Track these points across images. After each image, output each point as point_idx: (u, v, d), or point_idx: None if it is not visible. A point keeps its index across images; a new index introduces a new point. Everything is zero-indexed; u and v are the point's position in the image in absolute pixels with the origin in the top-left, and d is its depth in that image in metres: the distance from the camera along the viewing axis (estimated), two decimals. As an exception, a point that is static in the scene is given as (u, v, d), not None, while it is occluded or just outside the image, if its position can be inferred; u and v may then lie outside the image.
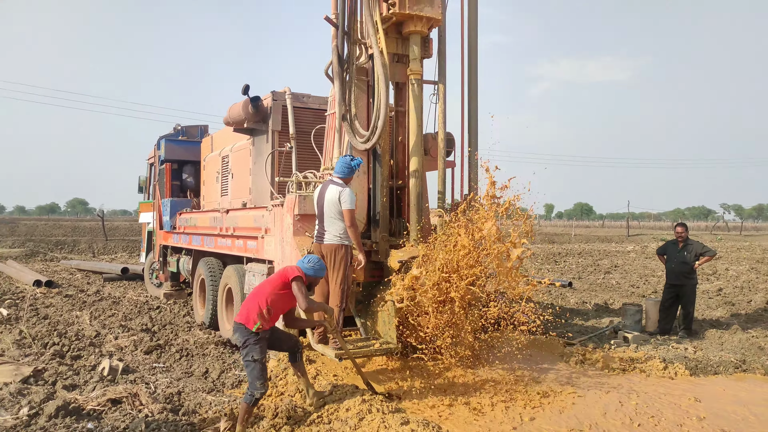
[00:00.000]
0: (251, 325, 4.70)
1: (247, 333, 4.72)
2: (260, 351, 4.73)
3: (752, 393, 6.03)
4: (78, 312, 10.18)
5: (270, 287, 4.89)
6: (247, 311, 4.79)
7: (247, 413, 4.69)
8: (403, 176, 7.21)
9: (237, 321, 4.82)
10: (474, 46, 7.38)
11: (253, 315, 4.73)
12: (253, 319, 4.71)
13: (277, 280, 4.95)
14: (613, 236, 42.26)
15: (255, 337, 4.72)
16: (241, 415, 4.69)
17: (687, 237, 9.05)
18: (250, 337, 4.71)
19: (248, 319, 4.73)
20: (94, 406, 5.21)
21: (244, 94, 8.25)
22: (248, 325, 4.71)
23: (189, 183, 12.19)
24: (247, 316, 4.75)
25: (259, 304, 4.78)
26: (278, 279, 4.95)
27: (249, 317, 4.74)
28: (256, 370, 4.69)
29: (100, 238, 30.32)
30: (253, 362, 4.69)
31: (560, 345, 7.62)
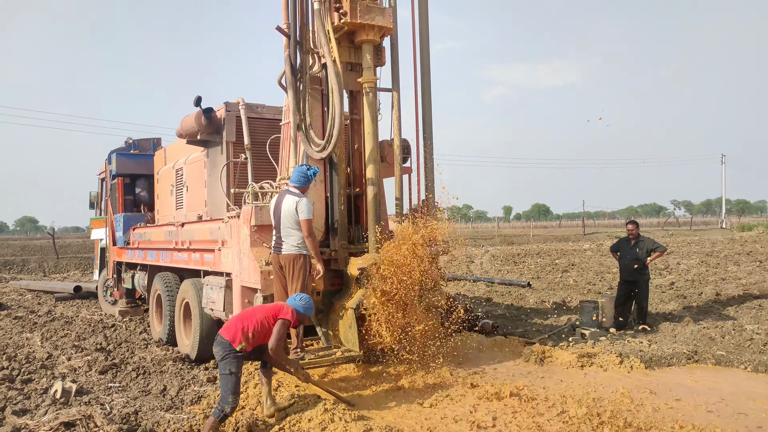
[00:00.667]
0: (236, 344, 4.84)
1: (230, 349, 4.83)
2: (237, 366, 4.85)
3: (703, 383, 6.25)
4: (28, 334, 9.82)
5: (261, 315, 5.05)
6: (234, 330, 4.90)
7: (212, 429, 4.68)
8: (360, 184, 7.23)
9: (223, 336, 4.90)
10: (426, 53, 7.47)
11: (239, 336, 4.86)
12: (239, 339, 4.84)
13: (269, 311, 5.11)
14: (570, 235, 43.18)
15: (235, 353, 4.84)
16: (205, 430, 4.66)
17: (638, 234, 9.33)
18: (231, 353, 4.83)
19: (234, 338, 4.85)
20: (47, 431, 5.03)
21: (196, 106, 8.12)
22: (234, 343, 4.84)
23: (142, 197, 11.91)
24: (234, 335, 4.86)
25: (247, 327, 4.91)
26: (270, 311, 5.12)
27: (235, 337, 4.86)
28: (231, 383, 4.77)
29: (51, 257, 29.31)
30: (229, 375, 4.79)
31: (520, 344, 7.74)
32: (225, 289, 7.01)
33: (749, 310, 10.07)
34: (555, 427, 4.89)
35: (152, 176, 11.50)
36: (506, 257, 22.64)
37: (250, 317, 5.01)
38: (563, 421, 4.99)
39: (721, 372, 6.71)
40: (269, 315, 5.04)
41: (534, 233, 46.27)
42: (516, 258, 22.49)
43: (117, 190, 11.75)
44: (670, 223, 63.86)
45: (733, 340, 8.06)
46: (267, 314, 5.05)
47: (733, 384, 6.18)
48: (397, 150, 7.04)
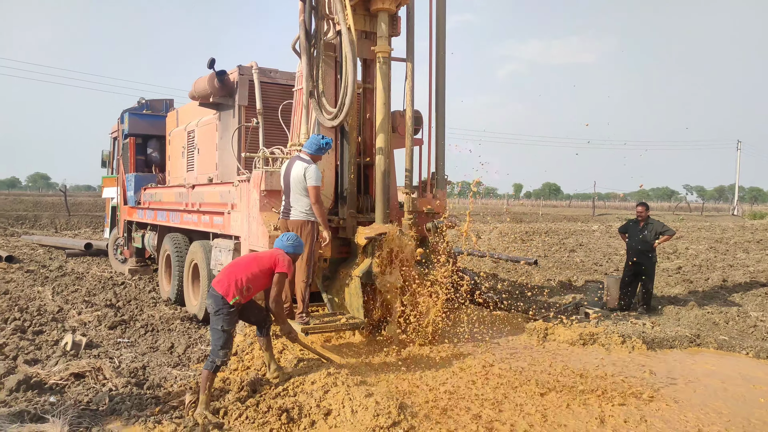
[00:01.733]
0: (230, 297, 4.77)
1: (223, 303, 4.77)
2: (230, 322, 4.80)
3: (704, 366, 6.30)
4: (40, 287, 10.00)
5: (256, 266, 4.95)
6: (227, 283, 4.82)
7: (209, 380, 4.70)
8: (370, 153, 7.22)
9: (216, 289, 4.84)
10: (442, 25, 7.39)
11: (233, 289, 4.79)
12: (232, 293, 4.77)
13: (265, 263, 5.00)
14: (580, 216, 43.00)
15: (229, 308, 4.78)
16: (203, 383, 4.69)
17: (648, 216, 9.28)
18: (224, 307, 4.77)
19: (228, 292, 4.78)
20: (57, 381, 5.17)
21: (209, 68, 8.10)
22: (227, 297, 4.77)
23: (154, 158, 11.98)
24: (227, 289, 4.79)
25: (242, 280, 4.84)
26: (266, 263, 5.00)
27: (229, 290, 4.79)
28: (222, 339, 4.75)
29: (62, 214, 29.60)
30: (221, 332, 4.75)
31: (523, 320, 7.81)
32: (233, 252, 7.09)
33: (755, 298, 10.06)
34: (555, 397, 4.96)
35: (164, 137, 11.54)
36: (515, 235, 22.64)
37: (243, 269, 4.92)
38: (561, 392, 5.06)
39: (722, 356, 6.75)
40: (265, 267, 4.97)
41: (543, 212, 46.11)
42: (524, 236, 22.49)
43: (129, 150, 11.81)
44: (682, 207, 63.35)
45: (737, 326, 8.08)
46: (263, 265, 4.97)
47: (734, 369, 6.22)
48: (409, 121, 7.01)
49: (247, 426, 4.40)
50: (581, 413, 4.76)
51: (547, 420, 4.61)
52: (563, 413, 4.75)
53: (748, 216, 44.81)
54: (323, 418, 4.49)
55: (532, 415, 4.68)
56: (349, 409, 4.52)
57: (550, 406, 4.86)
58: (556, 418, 4.66)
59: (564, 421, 4.60)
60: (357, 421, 4.39)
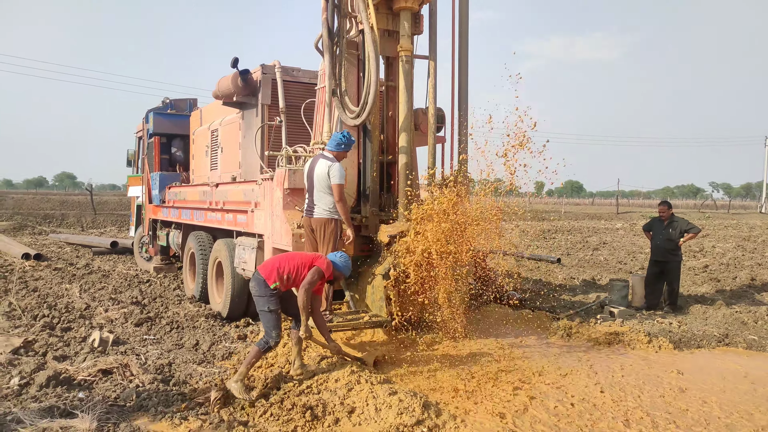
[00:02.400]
0: (270, 282, 4.97)
1: (265, 287, 4.97)
2: (275, 303, 4.99)
3: (733, 366, 6.17)
4: (67, 285, 10.18)
5: (299, 260, 5.15)
6: (270, 269, 5.04)
7: (256, 357, 4.95)
8: (393, 151, 7.22)
9: (259, 273, 5.05)
10: (465, 22, 7.33)
11: (274, 275, 4.98)
12: (273, 278, 4.97)
13: (307, 259, 5.20)
14: (603, 214, 42.51)
15: (270, 291, 4.97)
16: (249, 357, 4.92)
17: (672, 214, 9.13)
18: (264, 289, 4.97)
19: (269, 276, 4.98)
20: (85, 377, 5.25)
21: (233, 67, 8.16)
22: (268, 281, 4.97)
23: (178, 157, 12.12)
24: (269, 273, 5.00)
25: (283, 268, 5.03)
26: (309, 258, 5.21)
27: (270, 275, 4.99)
28: (272, 320, 4.94)
29: (88, 212, 30.11)
30: (269, 312, 4.95)
31: (547, 319, 7.73)
32: (257, 250, 7.13)
33: (785, 297, 9.85)
34: (581, 399, 4.91)
35: (188, 136, 11.67)
36: (536, 233, 22.46)
37: (288, 260, 5.13)
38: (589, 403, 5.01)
39: (752, 356, 6.61)
40: (306, 262, 5.14)
41: (566, 210, 45.68)
42: (546, 234, 22.29)
43: (153, 149, 11.97)
44: (707, 205, 62.24)
45: (766, 325, 7.91)
46: (304, 261, 5.15)
47: (764, 369, 6.08)
48: (431, 119, 6.98)
49: (271, 423, 4.42)
50: (614, 414, 4.70)
51: (572, 423, 4.57)
52: (597, 416, 4.69)
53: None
54: (347, 416, 4.49)
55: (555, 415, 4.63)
56: (372, 407, 4.52)
57: (586, 409, 4.81)
58: (581, 420, 4.61)
59: (584, 423, 4.55)
60: (381, 419, 4.39)
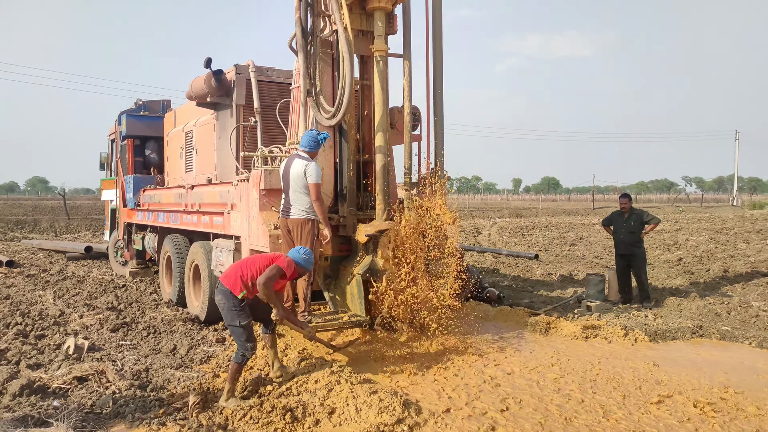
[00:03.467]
0: (237, 291, 4.85)
1: (232, 299, 4.86)
2: (246, 316, 4.90)
3: (707, 356, 6.29)
4: (41, 291, 9.99)
5: (261, 263, 5.04)
6: (234, 278, 4.91)
7: (237, 372, 4.87)
8: (369, 150, 7.20)
9: (223, 284, 4.93)
10: (439, 21, 7.35)
11: (239, 283, 4.88)
12: (239, 287, 4.86)
13: (269, 258, 5.12)
14: (579, 209, 43.01)
15: (238, 302, 4.87)
16: (231, 374, 4.84)
17: (631, 207, 9.26)
18: (233, 301, 4.86)
19: (235, 286, 4.87)
20: (60, 384, 5.16)
21: (206, 68, 8.07)
22: (234, 291, 4.85)
23: (152, 159, 11.95)
24: (234, 282, 4.88)
25: (246, 275, 4.92)
26: (270, 259, 5.10)
27: (236, 284, 4.88)
28: (244, 334, 4.85)
29: (62, 217, 29.59)
30: (240, 327, 4.84)
31: (525, 315, 7.80)
32: (234, 252, 7.07)
33: (756, 287, 10.06)
34: (559, 392, 4.96)
35: (162, 138, 11.51)
36: (514, 229, 22.63)
37: (249, 265, 5.00)
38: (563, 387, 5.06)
39: (725, 347, 6.74)
40: (268, 263, 5.02)
41: (543, 206, 46.11)
42: (524, 230, 22.48)
43: (127, 152, 11.79)
44: (681, 199, 63.37)
45: (739, 316, 8.07)
46: (265, 262, 5.04)
47: (737, 359, 6.22)
48: (407, 117, 6.99)
49: (251, 426, 4.39)
50: (591, 408, 4.76)
51: (551, 416, 4.61)
52: (576, 410, 4.74)
53: (747, 206, 44.79)
54: (327, 417, 4.48)
55: (541, 412, 4.67)
56: (353, 407, 4.51)
57: (564, 403, 4.86)
58: (560, 414, 4.65)
59: (573, 417, 4.59)
60: (361, 419, 4.39)
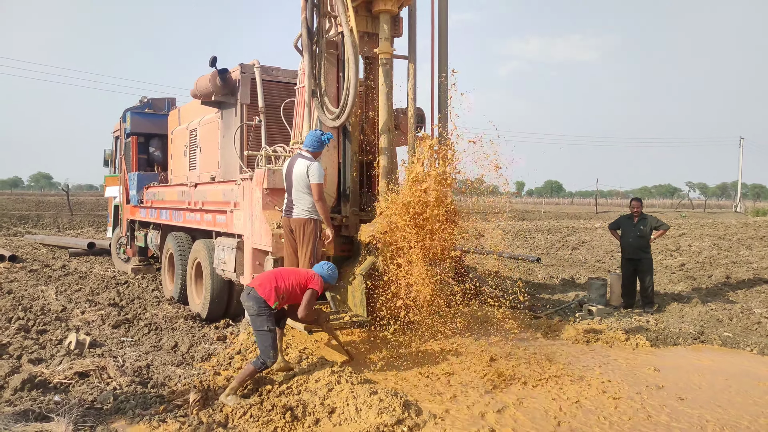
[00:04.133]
0: (272, 302, 4.97)
1: (265, 306, 4.97)
2: (272, 323, 5.00)
3: (709, 362, 6.28)
4: (43, 287, 10.02)
5: (294, 280, 5.16)
6: (269, 288, 5.01)
7: (250, 376, 4.92)
8: (373, 151, 7.21)
9: (257, 292, 5.00)
10: (444, 23, 7.35)
11: (273, 294, 4.99)
12: (274, 298, 4.97)
13: (302, 278, 5.21)
14: (582, 213, 42.99)
15: (270, 311, 4.98)
16: (243, 375, 4.89)
17: (641, 212, 9.25)
18: (266, 309, 4.96)
19: (269, 296, 4.98)
20: (61, 380, 5.17)
21: (211, 66, 8.09)
22: (269, 301, 4.97)
23: (156, 156, 11.98)
24: (269, 293, 4.99)
25: (281, 287, 5.04)
26: (303, 278, 5.21)
27: (271, 294, 4.98)
28: (270, 339, 4.93)
29: (65, 213, 29.66)
30: (267, 332, 4.93)
31: (527, 318, 7.79)
32: (236, 251, 7.09)
33: (758, 294, 10.03)
34: (571, 396, 4.96)
35: (166, 136, 11.54)
36: (517, 232, 22.62)
37: (284, 278, 5.12)
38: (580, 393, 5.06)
39: (727, 353, 6.73)
40: (301, 282, 5.16)
41: (545, 210, 46.09)
42: (526, 233, 22.47)
43: (131, 149, 11.82)
44: (684, 204, 63.28)
45: (741, 322, 8.06)
46: (300, 280, 5.16)
47: (738, 365, 6.20)
48: (411, 119, 6.99)
49: (251, 424, 4.39)
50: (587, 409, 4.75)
51: (550, 420, 4.60)
52: (574, 410, 4.74)
53: (750, 213, 44.71)
54: (327, 416, 4.48)
55: (538, 411, 4.67)
56: (353, 407, 4.52)
57: (563, 404, 4.85)
58: (559, 418, 4.65)
59: (571, 418, 4.59)
60: (361, 419, 4.39)
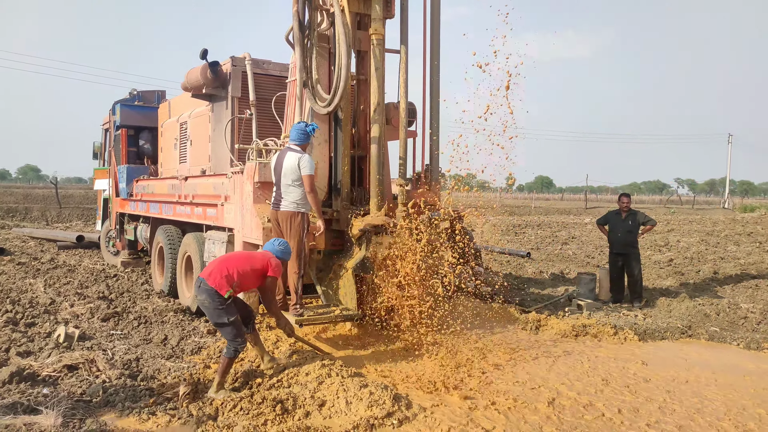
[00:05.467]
0: (223, 291, 4.81)
1: (218, 298, 4.81)
2: (232, 312, 4.88)
3: (696, 356, 6.35)
4: (32, 280, 9.94)
5: (248, 265, 4.98)
6: (219, 277, 4.84)
7: (229, 366, 4.88)
8: (364, 145, 7.21)
9: (208, 283, 4.83)
10: (437, 13, 7.35)
11: (224, 283, 4.82)
12: (225, 287, 4.81)
13: (257, 262, 5.03)
14: (572, 209, 43.16)
15: (224, 301, 4.84)
16: (222, 367, 4.85)
17: (630, 207, 9.31)
18: (218, 300, 4.82)
19: (221, 285, 4.81)
20: (50, 372, 5.15)
21: (202, 59, 8.05)
22: (220, 290, 4.80)
23: (146, 149, 11.91)
24: (219, 282, 4.82)
25: (232, 273, 4.87)
26: (258, 262, 5.03)
27: (221, 284, 4.81)
28: (233, 330, 4.84)
29: (53, 206, 29.40)
30: (228, 324, 4.83)
31: (516, 312, 7.84)
32: (227, 244, 7.07)
33: (745, 290, 10.14)
34: (551, 383, 5.00)
35: (156, 129, 11.47)
36: (507, 228, 22.70)
37: (234, 264, 4.95)
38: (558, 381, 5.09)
39: (713, 347, 6.81)
40: (256, 267, 4.99)
41: (536, 205, 46.25)
42: (517, 229, 22.55)
43: (121, 142, 11.75)
44: (673, 201, 63.64)
45: (728, 317, 8.15)
46: (254, 265, 5.00)
47: (724, 360, 6.28)
48: (402, 113, 6.99)
49: (241, 417, 4.40)
50: (582, 404, 4.80)
51: (539, 413, 4.64)
52: (564, 402, 4.78)
53: (738, 209, 45.06)
54: (317, 409, 4.50)
55: (527, 408, 4.70)
56: (343, 400, 4.53)
57: (552, 398, 4.89)
58: (548, 411, 4.69)
59: (569, 418, 4.63)
60: (351, 412, 4.41)
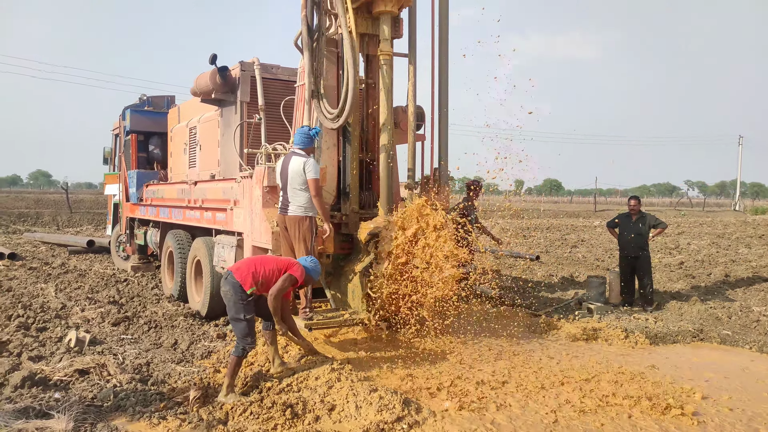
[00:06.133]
0: (247, 287, 4.89)
1: (241, 292, 4.88)
2: (250, 311, 4.94)
3: (707, 360, 6.30)
4: (43, 284, 10.01)
5: (273, 265, 5.09)
6: (246, 273, 4.94)
7: (237, 365, 4.90)
8: (373, 149, 7.21)
9: (234, 276, 4.93)
10: (445, 21, 7.34)
11: (250, 279, 4.91)
12: (249, 283, 4.89)
13: (282, 264, 5.15)
14: (581, 212, 42.99)
15: (246, 297, 4.90)
16: (231, 368, 4.86)
17: (640, 210, 9.25)
18: (241, 295, 4.88)
19: (245, 281, 4.90)
20: (61, 377, 5.18)
21: (211, 64, 8.09)
22: (244, 285, 4.89)
23: (155, 154, 11.97)
24: (245, 278, 4.91)
25: (258, 272, 4.96)
26: (283, 263, 5.15)
27: (246, 279, 4.90)
28: (246, 327, 4.89)
29: (64, 211, 29.62)
30: (243, 320, 4.88)
31: (526, 316, 7.81)
32: (236, 249, 7.09)
33: (757, 293, 10.05)
34: (560, 389, 4.97)
35: (166, 134, 11.53)
36: (516, 231, 22.63)
37: (262, 264, 5.06)
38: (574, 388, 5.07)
39: (726, 351, 6.75)
40: (281, 267, 5.09)
41: (545, 208, 46.07)
42: (525, 232, 22.48)
43: (130, 147, 11.82)
44: (683, 203, 63.25)
45: (740, 320, 8.08)
46: (279, 265, 5.10)
47: (737, 363, 6.22)
48: (411, 117, 6.99)
49: (251, 421, 4.40)
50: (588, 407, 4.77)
51: (549, 416, 4.62)
52: (565, 407, 4.75)
53: (749, 211, 44.75)
54: (327, 414, 4.49)
55: (540, 414, 4.68)
56: (353, 405, 4.53)
57: (562, 403, 4.86)
58: (559, 415, 4.66)
59: (575, 422, 4.60)
60: (361, 417, 4.40)
